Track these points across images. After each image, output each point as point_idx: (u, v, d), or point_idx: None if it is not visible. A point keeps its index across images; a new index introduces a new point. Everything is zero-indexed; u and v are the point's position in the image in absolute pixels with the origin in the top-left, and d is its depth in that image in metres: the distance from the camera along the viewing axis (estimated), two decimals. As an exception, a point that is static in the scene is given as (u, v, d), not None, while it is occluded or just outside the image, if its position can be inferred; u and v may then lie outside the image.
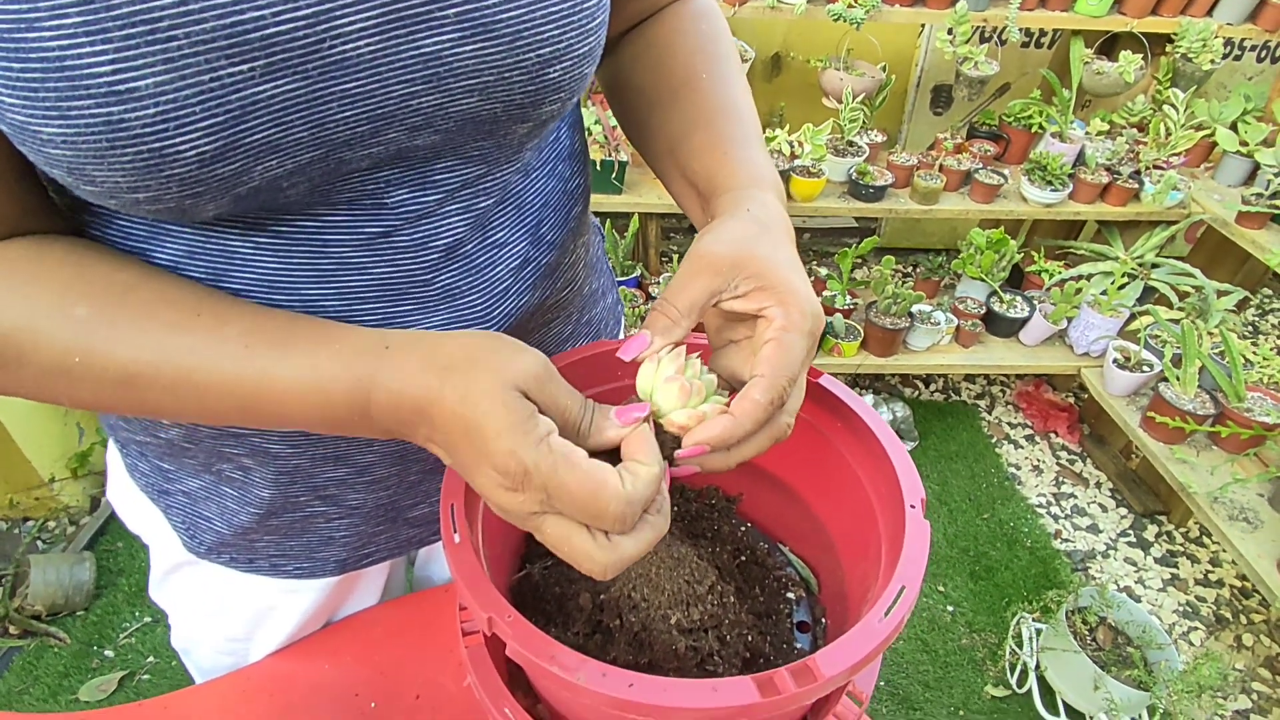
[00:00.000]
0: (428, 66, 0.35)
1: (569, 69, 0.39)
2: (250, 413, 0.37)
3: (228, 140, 0.32)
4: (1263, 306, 2.81)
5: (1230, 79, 2.47)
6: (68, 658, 1.48)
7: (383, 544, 0.60)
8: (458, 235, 0.44)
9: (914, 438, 2.12)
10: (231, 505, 0.53)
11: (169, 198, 0.33)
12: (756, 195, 0.43)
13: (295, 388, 0.36)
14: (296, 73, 0.32)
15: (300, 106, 0.33)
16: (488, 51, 0.35)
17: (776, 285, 0.38)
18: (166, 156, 0.31)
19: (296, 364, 0.36)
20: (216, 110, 0.31)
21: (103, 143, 0.30)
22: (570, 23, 0.38)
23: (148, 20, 0.28)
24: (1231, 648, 1.68)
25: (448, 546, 0.38)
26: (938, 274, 2.22)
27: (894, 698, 1.53)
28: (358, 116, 0.35)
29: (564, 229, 0.52)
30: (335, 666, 0.64)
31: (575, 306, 0.58)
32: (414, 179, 0.41)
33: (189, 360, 0.35)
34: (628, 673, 0.32)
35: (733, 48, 0.53)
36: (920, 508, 0.41)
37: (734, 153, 0.46)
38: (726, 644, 0.45)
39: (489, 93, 0.37)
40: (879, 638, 0.35)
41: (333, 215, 0.40)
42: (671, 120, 0.50)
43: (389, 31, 0.33)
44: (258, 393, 0.36)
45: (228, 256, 0.40)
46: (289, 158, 0.34)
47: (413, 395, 0.35)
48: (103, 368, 0.35)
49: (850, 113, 1.90)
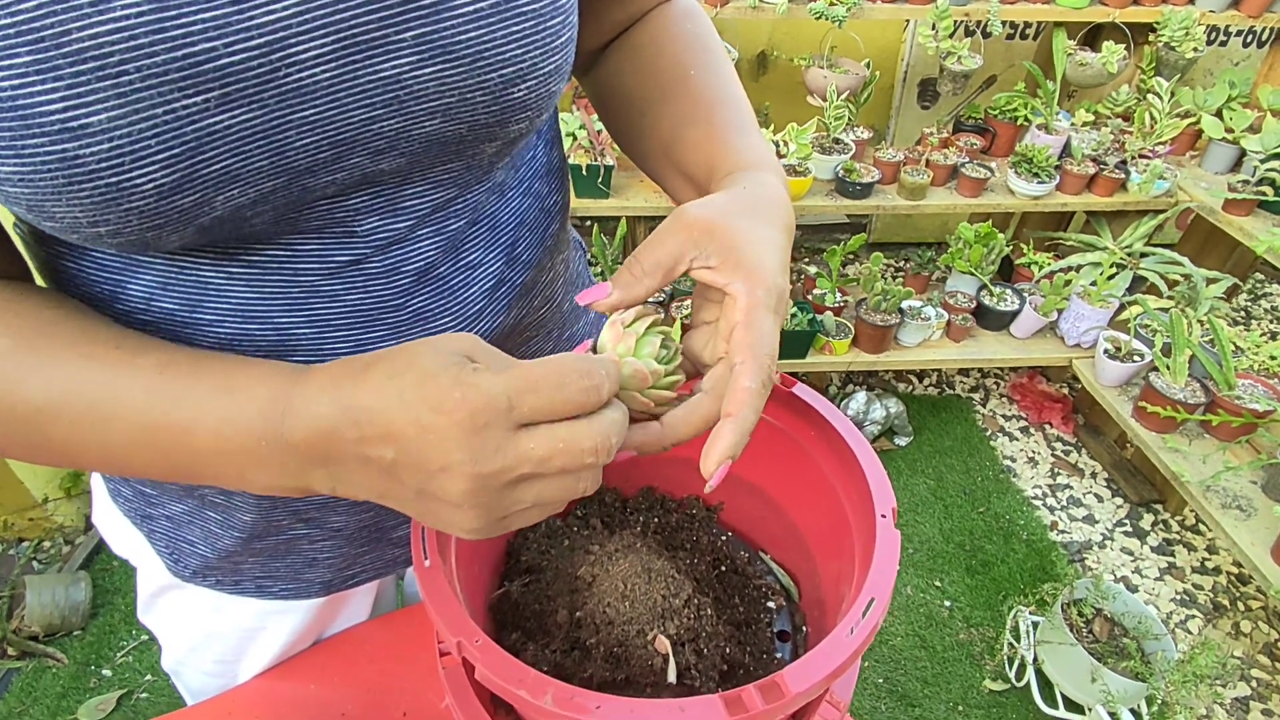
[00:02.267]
0: (387, 90, 0.34)
1: (534, 88, 0.39)
2: (152, 447, 0.35)
3: (186, 172, 0.31)
4: (1254, 292, 2.82)
5: (1217, 65, 2.48)
6: (66, 678, 1.48)
7: (368, 564, 0.60)
8: (430, 259, 0.43)
9: (908, 433, 2.12)
10: (215, 529, 0.53)
11: (130, 230, 0.33)
12: (755, 174, 0.42)
13: (203, 411, 0.34)
14: (253, 102, 0.31)
15: (258, 136, 0.32)
16: (448, 74, 0.35)
17: (744, 260, 0.37)
18: (124, 190, 0.31)
19: (210, 385, 0.34)
20: (172, 143, 0.30)
21: (59, 179, 0.30)
22: (533, 42, 0.37)
23: (97, 56, 0.28)
24: (1230, 635, 1.69)
25: (418, 570, 0.38)
26: (927, 269, 2.23)
27: (892, 694, 1.53)
28: (318, 143, 0.34)
29: (540, 247, 0.51)
30: (322, 686, 0.64)
31: (555, 324, 0.58)
32: (383, 206, 0.41)
33: (99, 391, 0.34)
34: (595, 694, 0.32)
35: (719, 43, 0.53)
36: (891, 517, 0.41)
37: (733, 140, 0.46)
38: (704, 656, 0.45)
39: (452, 114, 0.37)
40: (848, 651, 0.35)
41: (304, 244, 0.40)
42: (665, 119, 0.49)
43: (346, 57, 0.33)
44: (165, 422, 0.34)
45: (201, 286, 0.40)
46: (250, 187, 0.34)
47: (337, 406, 0.32)
48: (12, 404, 0.34)
49: (835, 110, 1.90)
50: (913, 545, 1.84)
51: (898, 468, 2.04)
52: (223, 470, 0.35)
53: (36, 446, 0.36)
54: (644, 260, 0.38)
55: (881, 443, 2.11)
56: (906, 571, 1.78)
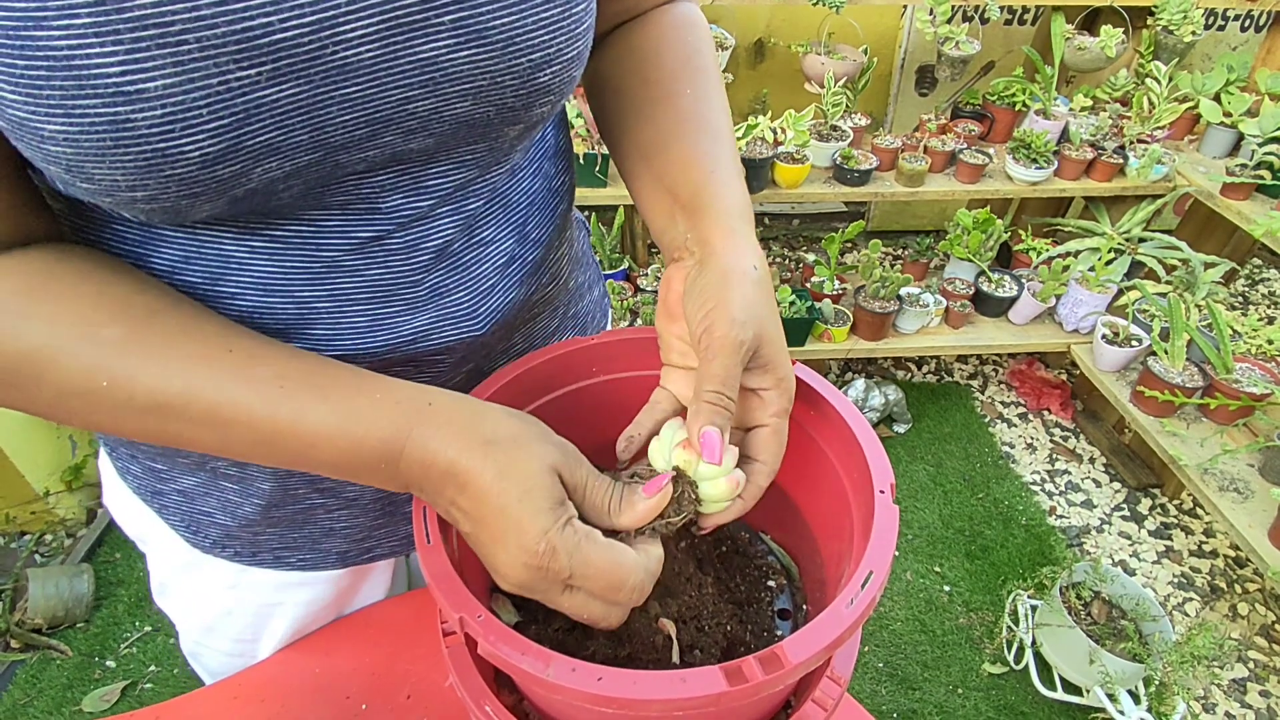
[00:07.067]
0: (424, 72, 0.36)
1: (558, 72, 0.40)
2: (274, 451, 0.38)
3: (232, 142, 0.32)
4: (1253, 276, 2.82)
5: (1215, 49, 2.47)
6: (70, 669, 1.49)
7: (383, 538, 0.61)
8: (448, 237, 0.45)
9: (907, 420, 2.13)
10: (234, 498, 0.54)
11: (166, 197, 0.33)
12: (749, 241, 0.44)
13: (327, 431, 0.37)
14: (301, 77, 0.32)
15: (302, 110, 0.33)
16: (481, 57, 0.36)
17: (778, 368, 0.42)
18: (169, 157, 0.31)
19: (333, 408, 0.37)
20: (223, 113, 0.31)
21: (106, 141, 0.30)
22: (560, 28, 0.38)
23: (159, 24, 0.29)
24: (1227, 617, 1.70)
25: (420, 548, 0.39)
26: (926, 256, 2.23)
27: (893, 678, 1.54)
28: (356, 120, 0.35)
29: (549, 226, 0.52)
30: (327, 669, 0.64)
31: (561, 301, 0.59)
32: (408, 184, 0.42)
33: (219, 395, 0.36)
34: (597, 667, 0.33)
35: (715, 62, 0.53)
36: (890, 493, 0.42)
37: (719, 174, 0.47)
38: (705, 634, 0.46)
39: (482, 96, 0.38)
40: (847, 623, 0.35)
41: (326, 219, 0.41)
42: (650, 127, 0.50)
43: (389, 37, 0.34)
44: (288, 433, 0.37)
45: (223, 261, 0.41)
46: (288, 160, 0.35)
47: (449, 459, 0.36)
48: (129, 394, 0.36)
49: (833, 97, 1.89)
50: (912, 531, 1.85)
51: (897, 455, 2.05)
52: (337, 473, 0.39)
53: (152, 434, 0.38)
54: (729, 392, 0.40)
55: (881, 430, 2.12)
56: (906, 557, 1.79)
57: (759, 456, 0.42)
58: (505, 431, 0.37)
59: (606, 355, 0.53)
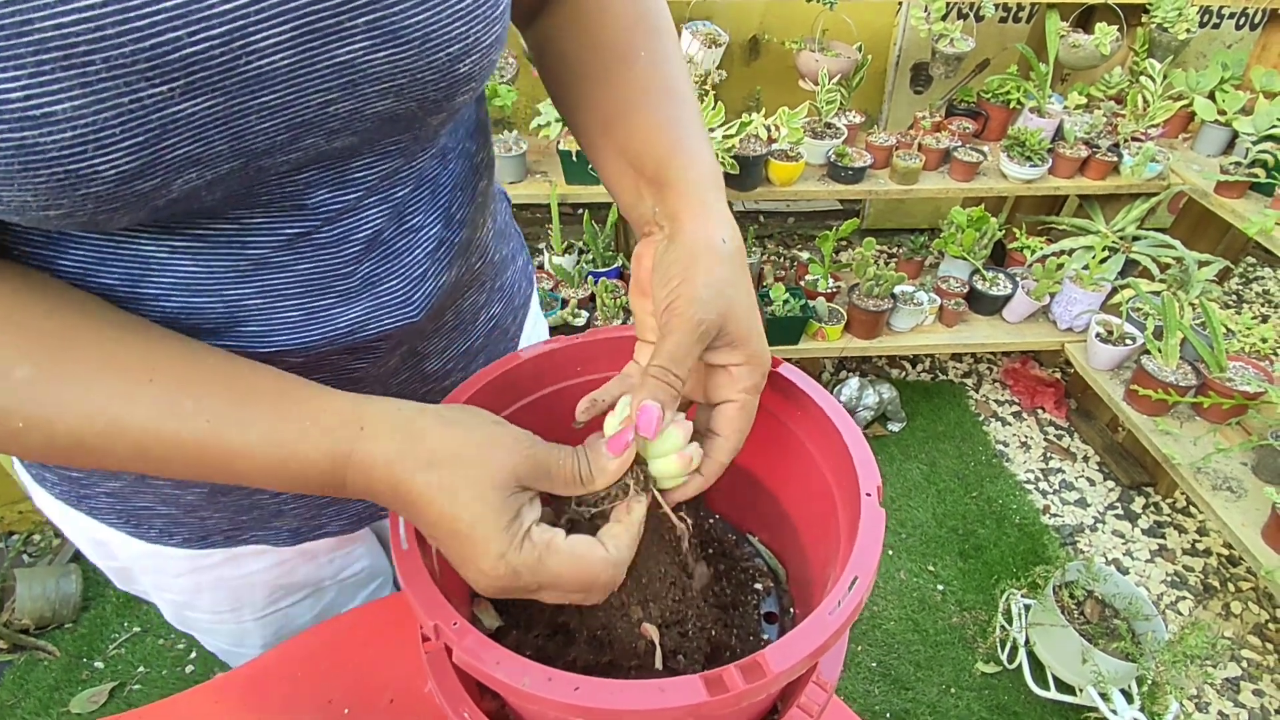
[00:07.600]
0: (342, 75, 0.35)
1: (477, 60, 0.40)
2: (213, 478, 0.37)
3: (149, 158, 0.31)
4: (1246, 275, 2.82)
5: (1209, 47, 2.46)
6: (58, 670, 1.48)
7: (334, 516, 0.60)
8: (377, 226, 0.44)
9: (901, 418, 2.12)
10: (171, 490, 0.52)
11: (83, 213, 0.32)
12: (720, 213, 0.43)
13: (263, 466, 0.36)
14: (216, 89, 0.31)
15: (219, 121, 0.32)
16: (399, 56, 0.36)
17: (748, 344, 0.41)
18: (83, 176, 0.30)
19: (263, 439, 0.36)
20: (136, 131, 0.30)
21: (15, 166, 0.29)
22: (475, 16, 0.38)
23: (63, 46, 0.28)
24: (1220, 616, 1.70)
25: (396, 554, 0.38)
26: (920, 254, 2.22)
27: (886, 678, 1.54)
28: (276, 127, 0.35)
29: (472, 204, 0.52)
30: (310, 673, 0.63)
31: (488, 275, 0.59)
32: (333, 179, 0.41)
33: (144, 435, 0.35)
34: (574, 676, 0.32)
35: (670, 22, 0.51)
36: (876, 495, 0.41)
37: (685, 142, 0.45)
38: (689, 639, 0.45)
39: (403, 93, 0.38)
40: (831, 629, 0.34)
41: (252, 218, 0.40)
42: (607, 96, 0.48)
43: (304, 43, 0.33)
44: (223, 468, 0.36)
45: (142, 261, 0.39)
46: (209, 169, 0.34)
47: (391, 485, 0.36)
48: (48, 436, 0.35)
49: (827, 94, 1.88)
50: (906, 530, 1.85)
51: (891, 453, 2.04)
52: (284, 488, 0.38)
53: (77, 465, 0.37)
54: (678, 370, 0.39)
55: (875, 429, 2.11)
56: (900, 556, 1.78)
57: (721, 431, 0.42)
58: (445, 449, 0.36)
59: (589, 355, 0.52)
